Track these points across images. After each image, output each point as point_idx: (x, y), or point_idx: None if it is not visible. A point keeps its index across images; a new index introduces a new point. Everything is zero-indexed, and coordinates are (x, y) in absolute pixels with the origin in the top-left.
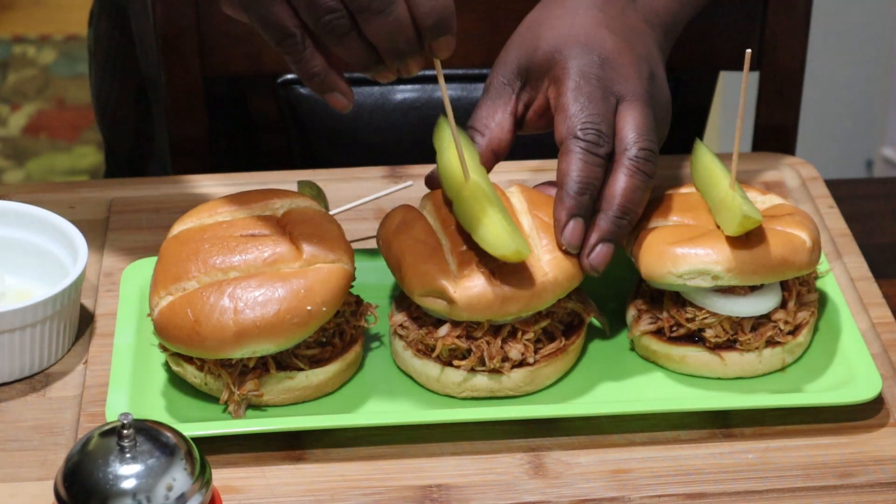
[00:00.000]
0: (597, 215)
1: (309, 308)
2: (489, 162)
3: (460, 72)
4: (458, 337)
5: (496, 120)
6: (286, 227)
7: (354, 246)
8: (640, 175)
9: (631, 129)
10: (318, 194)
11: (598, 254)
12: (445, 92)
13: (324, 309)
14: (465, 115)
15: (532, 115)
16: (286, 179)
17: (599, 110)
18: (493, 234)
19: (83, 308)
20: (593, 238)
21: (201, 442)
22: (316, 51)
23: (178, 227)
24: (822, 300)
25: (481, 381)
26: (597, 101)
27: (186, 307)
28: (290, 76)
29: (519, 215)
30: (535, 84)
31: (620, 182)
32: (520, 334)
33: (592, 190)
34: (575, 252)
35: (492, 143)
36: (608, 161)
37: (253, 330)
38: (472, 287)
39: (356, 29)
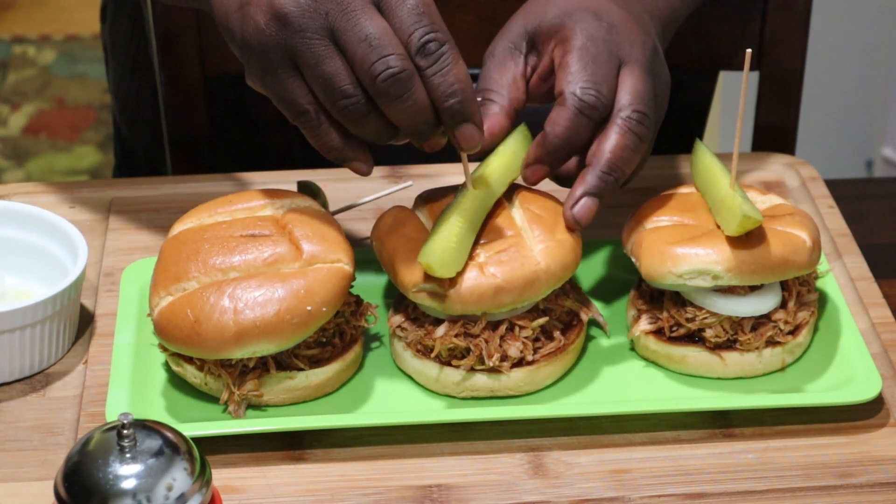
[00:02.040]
0: (585, 170)
1: (309, 308)
2: (511, 121)
3: None
4: (455, 336)
5: (508, 79)
6: (286, 227)
7: (354, 246)
8: (630, 135)
9: (628, 93)
10: (318, 194)
11: (582, 207)
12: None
13: (324, 309)
14: None
15: (536, 79)
16: (286, 179)
17: (602, 73)
18: (432, 243)
19: (83, 308)
20: (578, 191)
21: (201, 442)
22: (331, 127)
23: (178, 227)
24: (822, 300)
25: (481, 381)
26: (601, 63)
27: (186, 307)
28: None
29: (511, 209)
30: (542, 48)
31: (611, 140)
32: (518, 331)
33: (570, 148)
34: (530, 185)
35: (511, 102)
36: (599, 125)
37: (253, 330)
38: (464, 280)
39: (375, 111)
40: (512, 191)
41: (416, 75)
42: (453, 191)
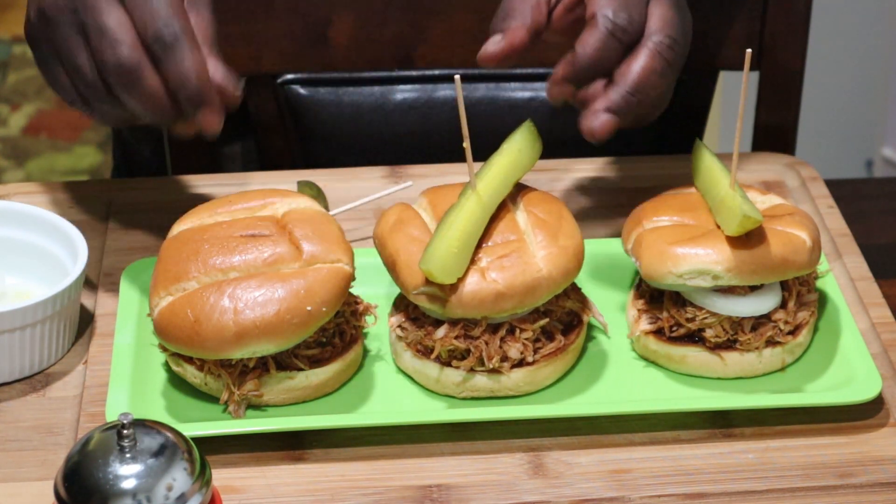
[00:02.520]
0: (609, 86)
1: (309, 308)
2: (531, 39)
3: (460, 72)
4: (456, 337)
5: (532, 2)
6: (286, 227)
7: (354, 246)
8: (659, 58)
9: (658, 19)
10: (318, 194)
11: (601, 122)
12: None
13: (324, 309)
14: (468, 118)
15: (561, 9)
16: (286, 179)
17: (633, 0)
18: (433, 249)
19: (83, 308)
20: (600, 104)
21: (201, 442)
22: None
23: (178, 228)
24: (822, 300)
25: (481, 381)
26: None
27: (186, 307)
28: (290, 76)
29: (515, 212)
30: None
31: (640, 61)
32: (518, 333)
33: (598, 69)
34: (555, 102)
35: (535, 23)
36: (628, 49)
37: (253, 330)
38: (465, 284)
39: (112, 98)
40: (517, 192)
41: (145, 65)
42: (458, 188)
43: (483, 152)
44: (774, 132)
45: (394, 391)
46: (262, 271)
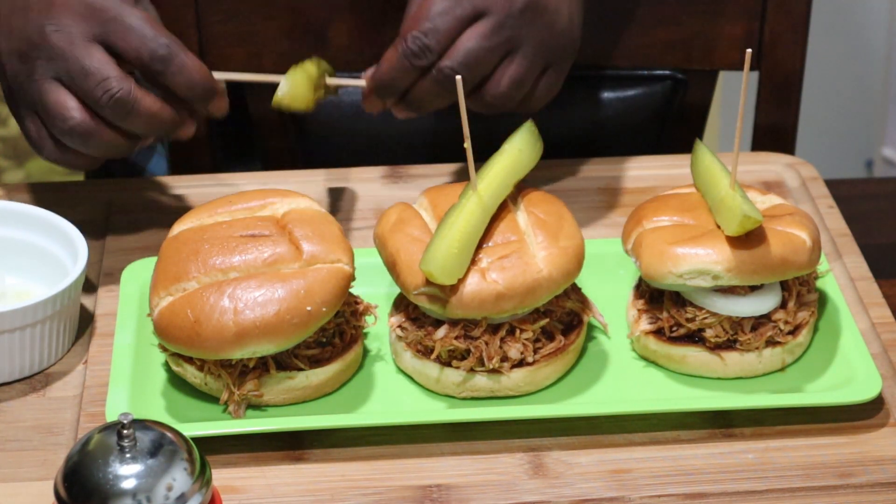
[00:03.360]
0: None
1: (309, 308)
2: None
3: None
4: (456, 338)
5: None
6: (286, 228)
7: (354, 246)
8: (437, 87)
9: (461, 46)
10: (319, 65)
11: (373, 106)
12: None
13: (324, 309)
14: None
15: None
16: (286, 179)
17: (442, 25)
18: (434, 250)
19: (83, 308)
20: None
21: (201, 442)
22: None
23: (178, 228)
24: (822, 300)
25: (481, 382)
26: (450, 15)
27: (186, 308)
28: None
29: (515, 212)
30: None
31: (424, 83)
32: (518, 333)
33: (393, 90)
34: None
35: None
36: (429, 69)
37: (253, 330)
38: (466, 284)
39: (105, 128)
40: (517, 192)
41: (136, 91)
42: (459, 188)
43: (484, 152)
44: (774, 132)
45: (394, 391)
46: (262, 271)
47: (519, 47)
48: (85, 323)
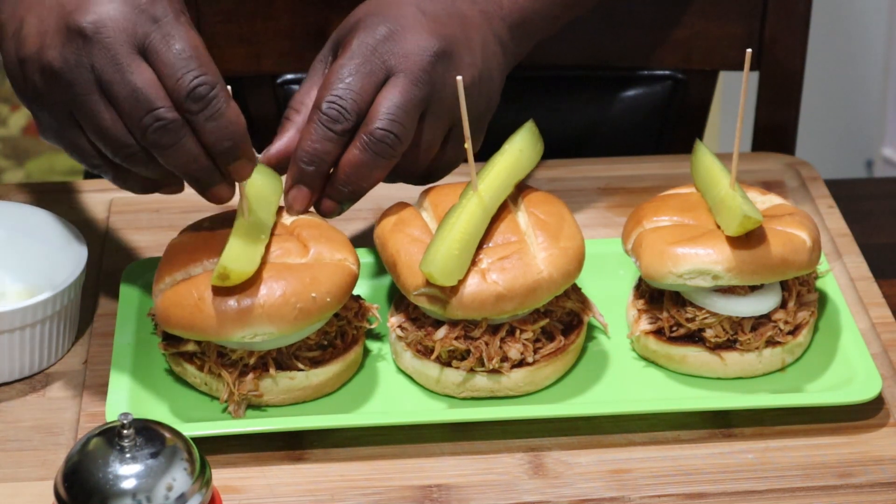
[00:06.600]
0: (332, 174)
1: (314, 295)
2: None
3: None
4: (456, 338)
5: (311, 96)
6: (294, 231)
7: (354, 246)
8: (369, 153)
9: (381, 106)
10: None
11: (324, 206)
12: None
13: (328, 300)
14: None
15: None
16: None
17: (356, 86)
18: (434, 251)
19: (83, 308)
20: (326, 190)
21: (201, 442)
22: (131, 170)
23: (183, 233)
24: (822, 300)
25: (481, 382)
26: (360, 75)
27: (191, 288)
28: (289, 76)
29: (516, 213)
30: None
31: (349, 155)
32: (518, 333)
33: (320, 163)
34: (296, 215)
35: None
36: (351, 136)
37: (257, 309)
38: (466, 285)
39: (152, 159)
40: (518, 193)
41: (184, 125)
42: (459, 188)
43: (484, 153)
44: (774, 132)
45: (394, 391)
46: (270, 262)
47: (432, 104)
48: (85, 323)
